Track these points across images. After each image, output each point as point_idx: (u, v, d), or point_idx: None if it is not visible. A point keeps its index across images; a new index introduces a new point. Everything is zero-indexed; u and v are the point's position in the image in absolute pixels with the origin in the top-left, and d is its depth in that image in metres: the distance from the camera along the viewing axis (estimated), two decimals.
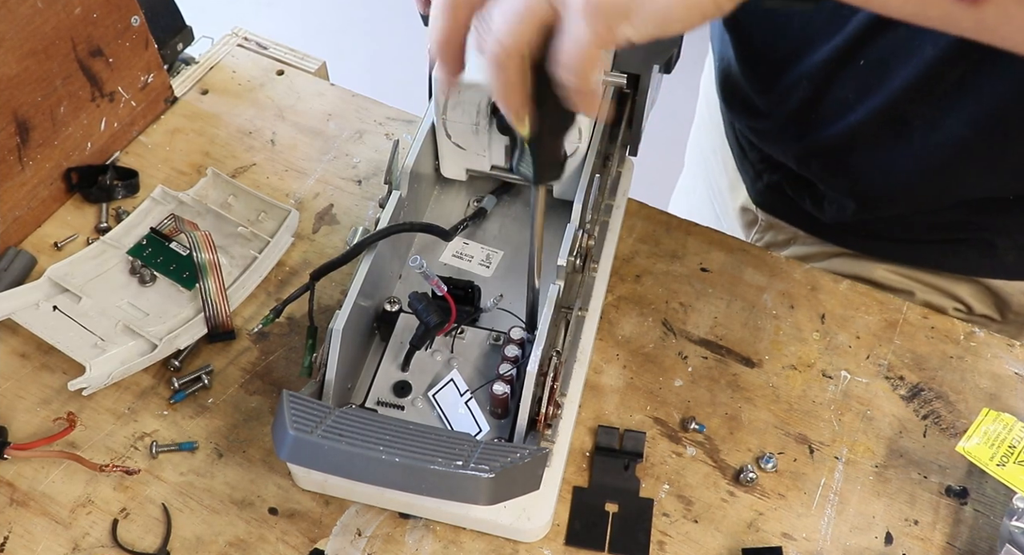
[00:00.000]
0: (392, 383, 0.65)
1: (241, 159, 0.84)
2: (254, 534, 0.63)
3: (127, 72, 0.81)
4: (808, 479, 0.66)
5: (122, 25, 0.79)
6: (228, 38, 0.94)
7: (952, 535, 0.64)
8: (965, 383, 0.71)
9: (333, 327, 0.60)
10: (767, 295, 0.76)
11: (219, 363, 0.71)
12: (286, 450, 0.53)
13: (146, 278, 0.73)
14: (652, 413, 0.69)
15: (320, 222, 0.80)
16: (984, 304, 0.83)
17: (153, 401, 0.69)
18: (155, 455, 0.66)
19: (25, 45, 0.71)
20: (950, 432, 0.69)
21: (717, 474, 0.66)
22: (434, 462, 0.52)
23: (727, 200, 0.94)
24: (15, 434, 0.67)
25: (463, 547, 0.63)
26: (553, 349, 0.63)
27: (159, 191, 0.78)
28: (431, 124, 0.69)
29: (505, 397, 0.62)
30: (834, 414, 0.70)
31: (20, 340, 0.71)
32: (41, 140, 0.76)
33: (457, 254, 0.73)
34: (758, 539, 0.64)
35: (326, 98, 0.89)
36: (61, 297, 0.71)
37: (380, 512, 0.64)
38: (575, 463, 0.67)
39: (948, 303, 0.83)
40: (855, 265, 0.84)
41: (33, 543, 0.63)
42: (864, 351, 0.73)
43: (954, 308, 0.83)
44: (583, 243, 0.65)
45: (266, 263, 0.76)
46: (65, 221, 0.79)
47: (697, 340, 0.73)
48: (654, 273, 0.77)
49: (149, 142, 0.85)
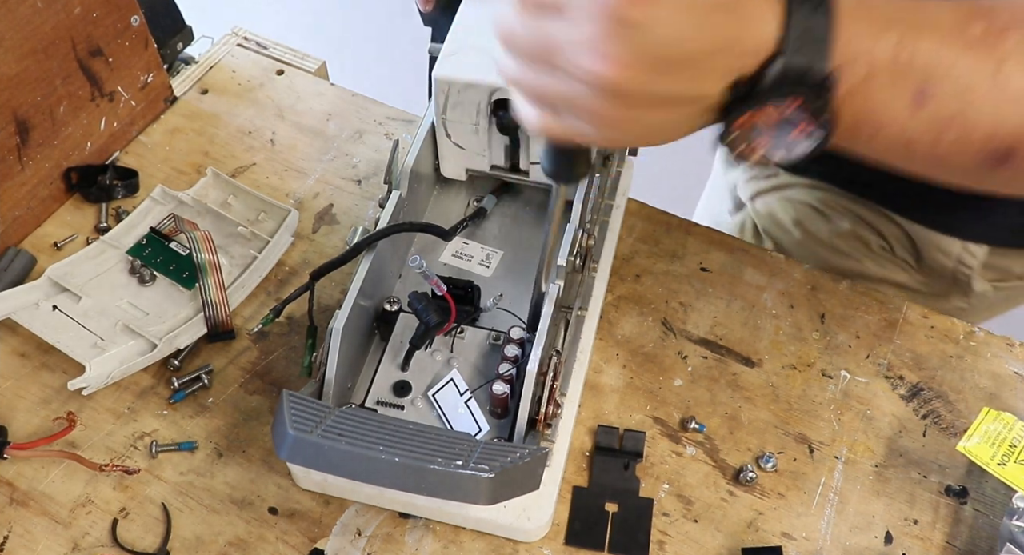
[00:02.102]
0: (392, 383, 0.65)
1: (241, 159, 0.84)
2: (254, 534, 0.63)
3: (127, 72, 0.81)
4: (808, 479, 0.66)
5: (122, 25, 0.79)
6: (228, 38, 0.94)
7: (952, 535, 0.64)
8: (965, 383, 0.71)
9: (333, 327, 0.60)
10: (767, 295, 0.76)
11: (219, 363, 0.71)
12: (286, 450, 0.53)
13: (146, 278, 0.73)
14: (652, 413, 0.69)
15: (320, 222, 0.80)
16: (904, 249, 0.86)
17: (153, 401, 0.69)
18: (155, 455, 0.66)
19: (25, 45, 0.71)
20: (950, 432, 0.69)
21: (717, 474, 0.66)
22: (434, 462, 0.52)
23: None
24: (15, 434, 0.67)
25: (463, 547, 0.63)
26: (553, 349, 0.63)
27: (159, 191, 0.78)
28: (431, 124, 0.69)
29: (505, 397, 0.62)
30: (834, 414, 0.70)
31: (20, 340, 0.71)
32: (41, 140, 0.76)
33: (457, 254, 0.73)
34: (758, 539, 0.64)
35: (326, 98, 0.89)
36: (61, 297, 0.71)
37: (380, 512, 0.64)
38: (575, 463, 0.67)
39: (874, 239, 0.86)
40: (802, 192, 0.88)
41: (33, 543, 0.63)
42: (864, 351, 0.73)
43: (880, 246, 0.87)
44: (583, 243, 0.65)
45: (266, 263, 0.76)
46: (65, 221, 0.79)
47: (697, 340, 0.73)
48: (654, 273, 0.77)
49: (149, 142, 0.85)
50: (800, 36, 0.42)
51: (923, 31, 0.44)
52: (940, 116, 0.45)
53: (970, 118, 0.45)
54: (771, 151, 0.46)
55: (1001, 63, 0.44)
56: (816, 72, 0.42)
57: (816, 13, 0.42)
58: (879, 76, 0.44)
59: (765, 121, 0.44)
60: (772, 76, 0.42)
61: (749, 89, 0.43)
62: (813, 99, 0.43)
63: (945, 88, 0.44)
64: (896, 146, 0.48)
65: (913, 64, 0.44)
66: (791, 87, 0.42)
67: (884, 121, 0.46)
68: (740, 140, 0.45)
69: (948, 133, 0.46)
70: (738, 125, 0.44)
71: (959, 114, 0.45)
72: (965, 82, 0.44)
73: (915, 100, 0.45)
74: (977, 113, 0.45)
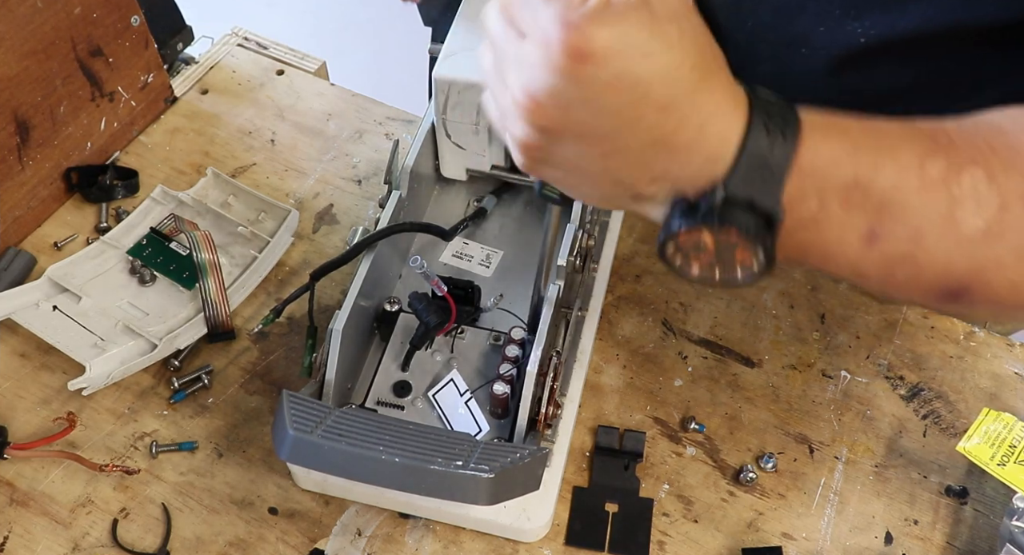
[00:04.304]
0: (392, 383, 0.65)
1: (241, 159, 0.84)
2: (254, 534, 0.63)
3: (127, 72, 0.81)
4: (808, 479, 0.66)
5: (122, 25, 0.79)
6: (228, 38, 0.94)
7: (952, 535, 0.64)
8: (965, 383, 0.71)
9: (333, 327, 0.60)
10: (767, 295, 0.76)
11: (219, 363, 0.71)
12: (286, 450, 0.53)
13: (146, 278, 0.73)
14: (652, 413, 0.69)
15: (320, 222, 0.80)
16: None
17: (153, 401, 0.69)
18: (155, 455, 0.66)
19: (25, 45, 0.71)
20: (950, 432, 0.69)
21: (717, 474, 0.66)
22: (434, 462, 0.52)
23: None
24: (15, 434, 0.67)
25: (463, 547, 0.63)
26: (553, 349, 0.63)
27: (159, 191, 0.78)
28: (431, 124, 0.69)
29: (505, 397, 0.62)
30: (834, 414, 0.70)
31: (20, 340, 0.71)
32: (41, 140, 0.76)
33: (457, 254, 0.73)
34: (758, 539, 0.64)
35: (326, 98, 0.89)
36: (61, 297, 0.71)
37: (380, 512, 0.64)
38: (575, 463, 0.67)
39: None
40: None
41: (33, 543, 0.63)
42: (864, 351, 0.73)
43: None
44: (583, 243, 0.65)
45: (266, 263, 0.76)
46: (65, 221, 0.79)
47: (697, 340, 0.73)
48: (654, 273, 0.77)
49: (149, 142, 0.85)
50: (752, 166, 0.39)
51: (881, 166, 0.42)
52: (890, 255, 0.43)
53: (920, 259, 0.43)
54: (706, 272, 0.43)
55: (955, 206, 0.42)
56: (761, 205, 0.40)
57: (776, 146, 0.40)
58: (830, 213, 0.42)
59: (704, 244, 0.41)
60: (715, 200, 0.40)
61: (688, 207, 0.41)
62: (754, 233, 0.40)
63: (896, 229, 0.43)
64: (846, 276, 0.46)
65: (866, 203, 0.42)
66: (734, 216, 0.40)
67: (832, 254, 0.44)
68: (677, 255, 0.43)
69: (899, 271, 0.44)
70: (678, 239, 0.42)
71: (910, 254, 0.43)
72: (916, 224, 0.42)
73: (865, 239, 0.43)
74: (928, 254, 0.43)
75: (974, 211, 0.42)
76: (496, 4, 0.41)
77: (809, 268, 0.46)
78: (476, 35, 0.66)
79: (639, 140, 0.39)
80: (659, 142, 0.39)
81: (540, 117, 0.39)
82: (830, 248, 0.44)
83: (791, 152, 0.40)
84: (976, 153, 0.43)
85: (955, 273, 0.44)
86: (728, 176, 0.39)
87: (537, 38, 0.37)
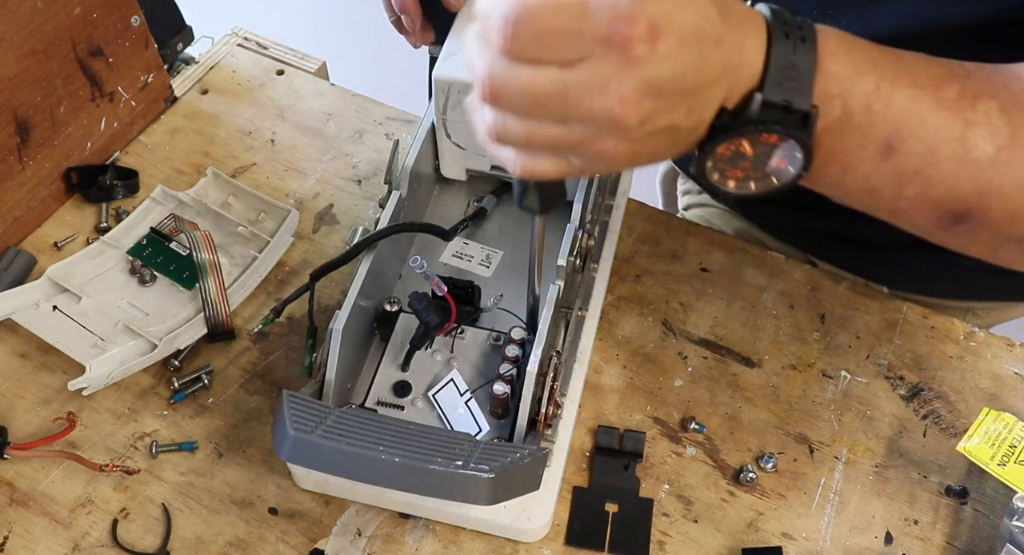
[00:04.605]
0: (392, 383, 0.65)
1: (241, 159, 0.84)
2: (254, 534, 0.63)
3: (127, 72, 0.81)
4: (808, 479, 0.66)
5: (122, 25, 0.79)
6: (228, 38, 0.94)
7: (952, 535, 0.64)
8: (965, 383, 0.71)
9: (333, 327, 0.60)
10: (767, 295, 0.76)
11: (219, 363, 0.71)
12: (286, 450, 0.53)
13: (146, 278, 0.73)
14: (652, 413, 0.69)
15: (320, 222, 0.80)
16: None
17: (153, 401, 0.69)
18: (155, 455, 0.66)
19: (25, 45, 0.71)
20: (950, 432, 0.69)
21: (717, 474, 0.66)
22: (434, 462, 0.52)
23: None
24: (15, 434, 0.67)
25: (463, 547, 0.63)
26: (553, 349, 0.63)
27: (159, 191, 0.78)
28: (431, 124, 0.69)
29: (505, 397, 0.62)
30: (834, 414, 0.70)
31: (20, 340, 0.71)
32: (41, 140, 0.76)
33: (457, 254, 0.73)
34: (758, 539, 0.64)
35: (326, 98, 0.89)
36: (61, 297, 0.71)
37: (380, 512, 0.64)
38: (575, 463, 0.67)
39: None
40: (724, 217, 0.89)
41: (33, 543, 0.63)
42: (864, 351, 0.73)
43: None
44: (583, 243, 0.65)
45: (266, 263, 0.76)
46: (65, 221, 0.79)
47: (697, 340, 0.73)
48: (654, 273, 0.77)
49: (149, 142, 0.85)
50: (782, 70, 0.43)
51: (900, 82, 0.45)
52: (904, 169, 0.46)
53: (931, 176, 0.46)
54: (744, 182, 0.46)
55: (968, 128, 0.45)
56: (797, 106, 0.43)
57: (798, 50, 0.43)
58: (852, 119, 0.45)
59: (743, 151, 0.44)
60: (754, 108, 0.42)
61: (732, 119, 0.43)
62: (794, 132, 0.43)
63: (912, 144, 0.45)
64: (859, 192, 0.48)
65: (886, 114, 0.45)
66: (772, 119, 0.43)
67: (851, 165, 0.46)
68: (715, 169, 0.45)
69: (909, 187, 0.47)
70: (716, 154, 0.44)
71: (921, 170, 0.46)
72: (931, 141, 0.45)
73: (882, 150, 0.45)
74: (938, 173, 0.46)
75: (985, 137, 0.45)
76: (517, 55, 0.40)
77: (823, 187, 0.48)
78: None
79: (708, 79, 0.41)
80: (722, 74, 0.42)
81: (636, 112, 0.40)
82: (849, 158, 0.46)
83: (813, 54, 0.43)
84: (991, 88, 0.46)
85: (960, 195, 0.46)
86: (761, 82, 0.43)
87: (603, 48, 0.38)
